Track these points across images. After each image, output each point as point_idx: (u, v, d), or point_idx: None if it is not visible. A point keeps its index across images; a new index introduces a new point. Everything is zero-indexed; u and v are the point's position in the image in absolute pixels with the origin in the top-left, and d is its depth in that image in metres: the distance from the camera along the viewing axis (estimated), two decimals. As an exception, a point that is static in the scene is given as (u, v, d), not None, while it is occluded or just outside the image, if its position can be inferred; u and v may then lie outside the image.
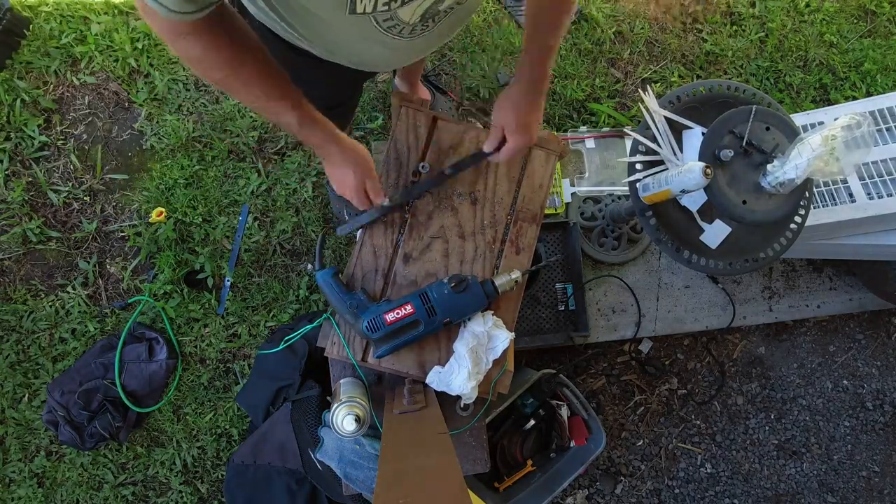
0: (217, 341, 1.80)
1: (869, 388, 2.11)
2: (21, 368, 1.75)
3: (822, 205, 1.53)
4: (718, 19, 2.16)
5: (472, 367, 0.99)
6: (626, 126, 1.99)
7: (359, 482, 1.17)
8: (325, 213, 1.88)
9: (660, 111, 1.31)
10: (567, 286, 1.79)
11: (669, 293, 1.91)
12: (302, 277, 1.86)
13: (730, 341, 2.08)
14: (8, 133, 1.81)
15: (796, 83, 2.15)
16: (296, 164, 1.88)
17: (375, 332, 0.98)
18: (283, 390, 1.58)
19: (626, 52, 2.09)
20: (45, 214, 1.81)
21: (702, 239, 1.31)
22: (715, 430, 2.03)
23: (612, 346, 1.98)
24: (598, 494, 1.94)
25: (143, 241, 1.80)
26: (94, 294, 1.81)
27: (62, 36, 1.85)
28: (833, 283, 2.02)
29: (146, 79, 1.88)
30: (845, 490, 2.05)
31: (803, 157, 1.10)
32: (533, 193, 1.14)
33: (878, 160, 1.46)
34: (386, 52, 0.86)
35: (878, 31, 2.24)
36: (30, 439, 1.75)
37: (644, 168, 1.32)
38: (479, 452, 1.17)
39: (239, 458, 1.59)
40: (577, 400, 1.68)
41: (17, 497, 1.73)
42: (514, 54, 2.03)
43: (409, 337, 1.00)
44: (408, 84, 1.78)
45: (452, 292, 0.98)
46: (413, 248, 1.10)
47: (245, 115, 1.88)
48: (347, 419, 1.01)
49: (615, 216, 1.78)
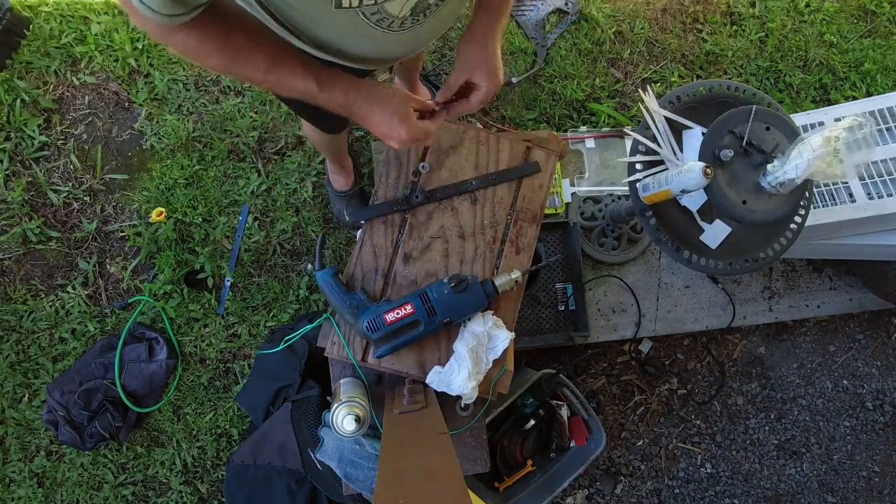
0: (217, 341, 1.80)
1: (869, 388, 2.11)
2: (21, 368, 1.75)
3: (822, 205, 1.53)
4: (718, 19, 2.16)
5: (473, 367, 0.99)
6: (626, 126, 1.99)
7: (359, 482, 1.17)
8: (325, 213, 1.88)
9: (660, 111, 1.31)
10: (567, 286, 1.79)
11: (669, 293, 1.91)
12: (302, 277, 1.86)
13: (730, 341, 2.08)
14: (8, 133, 1.81)
15: (796, 83, 2.15)
16: (296, 164, 1.88)
17: (375, 332, 0.98)
18: (283, 390, 1.58)
19: (626, 52, 2.09)
20: (45, 214, 1.81)
21: (702, 239, 1.31)
22: (715, 430, 2.03)
23: (612, 346, 1.98)
24: (598, 494, 1.94)
25: (143, 241, 1.80)
26: (94, 294, 1.81)
27: (62, 36, 1.85)
28: (833, 283, 2.02)
29: (146, 79, 1.88)
30: (845, 490, 2.05)
31: (803, 158, 1.09)
32: (533, 193, 1.14)
33: (879, 160, 1.46)
34: (375, 47, 0.84)
35: (878, 31, 2.24)
36: (30, 439, 1.75)
37: (644, 168, 1.32)
38: (479, 452, 1.17)
39: (239, 458, 1.59)
40: (577, 400, 1.68)
41: (17, 497, 1.73)
42: (514, 54, 2.03)
43: (409, 337, 1.00)
44: (407, 84, 1.78)
45: (452, 292, 0.98)
46: (413, 248, 1.10)
47: (245, 115, 1.89)
48: (347, 419, 1.01)
49: (615, 216, 1.78)
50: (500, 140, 1.15)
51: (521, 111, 2.00)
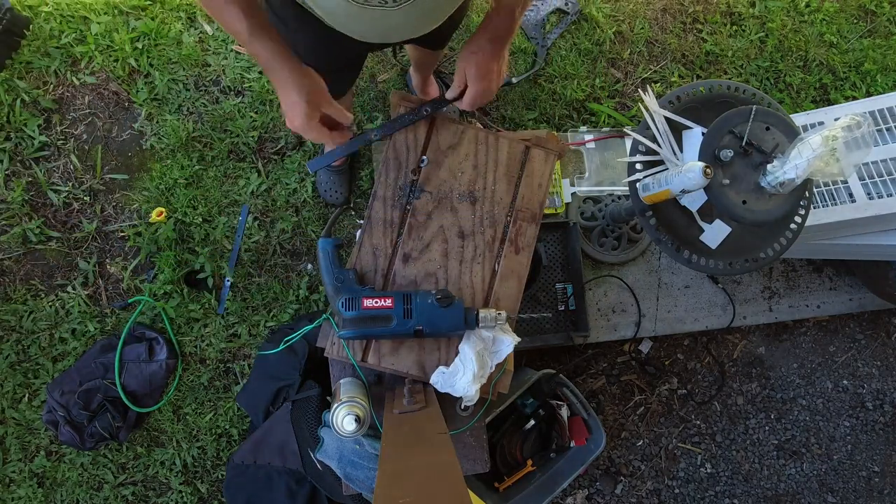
0: (217, 341, 1.80)
1: (869, 388, 2.11)
2: (21, 368, 1.75)
3: (822, 205, 1.53)
4: (718, 19, 2.16)
5: (478, 370, 0.99)
6: (626, 126, 1.99)
7: (359, 482, 1.17)
8: (324, 213, 1.89)
9: (660, 111, 1.31)
10: (567, 286, 1.79)
11: (669, 293, 1.91)
12: (302, 277, 1.86)
13: (730, 341, 2.08)
14: (8, 133, 1.81)
15: (796, 83, 2.15)
16: (296, 164, 1.88)
17: (348, 312, 0.98)
18: (283, 390, 1.58)
19: (626, 52, 2.09)
20: (45, 214, 1.81)
21: (702, 239, 1.31)
22: (715, 430, 2.03)
23: (612, 346, 1.98)
24: (598, 494, 1.94)
25: (143, 241, 1.80)
26: (94, 294, 1.81)
27: (62, 36, 1.85)
28: (833, 283, 2.02)
29: (146, 79, 1.88)
30: (845, 490, 2.05)
31: (803, 157, 1.10)
32: (532, 193, 1.14)
33: (878, 160, 1.46)
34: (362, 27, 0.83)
35: (878, 31, 2.24)
36: (30, 439, 1.75)
37: (644, 168, 1.32)
38: (479, 452, 1.18)
39: (239, 457, 1.59)
40: (577, 400, 1.68)
41: (17, 497, 1.73)
42: (514, 54, 2.03)
43: (378, 330, 0.99)
44: (420, 77, 1.78)
45: (435, 304, 0.98)
46: (412, 248, 1.10)
47: (245, 115, 1.89)
48: (347, 419, 1.01)
49: (615, 216, 1.78)
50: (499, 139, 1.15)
51: (521, 111, 2.00)
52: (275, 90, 0.88)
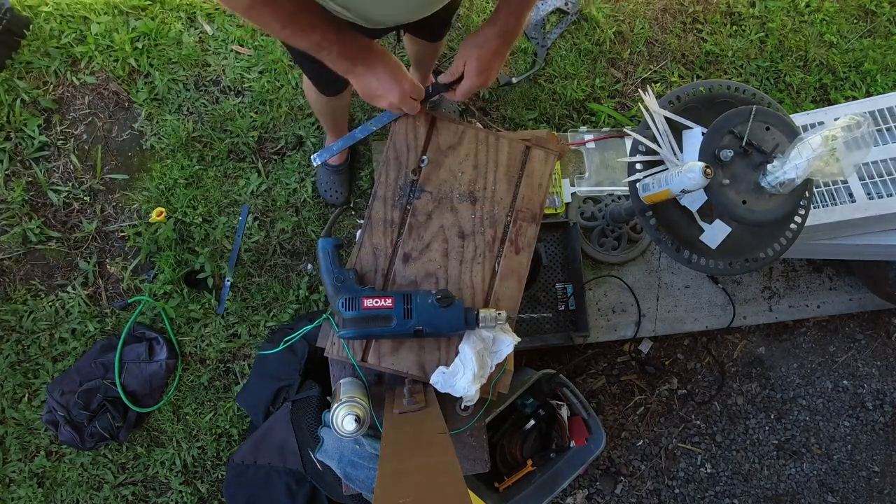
0: (217, 341, 1.80)
1: (869, 388, 2.11)
2: (21, 368, 1.75)
3: (822, 205, 1.53)
4: (718, 19, 2.16)
5: (478, 370, 0.99)
6: (626, 126, 1.99)
7: (359, 482, 1.17)
8: (324, 213, 1.88)
9: (660, 111, 1.31)
10: (567, 286, 1.79)
11: (669, 293, 1.91)
12: (302, 277, 1.86)
13: (730, 341, 2.08)
14: (8, 133, 1.81)
15: (796, 83, 2.15)
16: (296, 164, 1.88)
17: (348, 311, 0.98)
18: (283, 390, 1.58)
19: (626, 52, 2.09)
20: (45, 214, 1.81)
21: (702, 239, 1.31)
22: (715, 430, 2.03)
23: (612, 346, 1.98)
24: (598, 494, 1.94)
25: (143, 241, 1.80)
26: (94, 294, 1.81)
27: (62, 36, 1.85)
28: (833, 283, 2.02)
29: (146, 79, 1.88)
30: (845, 490, 2.05)
31: (803, 157, 1.10)
32: (532, 193, 1.14)
33: (878, 160, 1.46)
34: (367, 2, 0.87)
35: (878, 31, 2.24)
36: (30, 439, 1.75)
37: (644, 168, 1.32)
38: (479, 452, 1.17)
39: (239, 457, 1.59)
40: (577, 400, 1.68)
41: (17, 497, 1.73)
42: (514, 54, 2.03)
43: (378, 330, 0.99)
44: (419, 76, 1.79)
45: (436, 304, 0.98)
46: (413, 248, 1.10)
47: (245, 115, 1.89)
48: (347, 419, 1.01)
49: (615, 216, 1.78)
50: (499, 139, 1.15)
51: (521, 111, 2.00)
52: (355, 74, 0.93)
